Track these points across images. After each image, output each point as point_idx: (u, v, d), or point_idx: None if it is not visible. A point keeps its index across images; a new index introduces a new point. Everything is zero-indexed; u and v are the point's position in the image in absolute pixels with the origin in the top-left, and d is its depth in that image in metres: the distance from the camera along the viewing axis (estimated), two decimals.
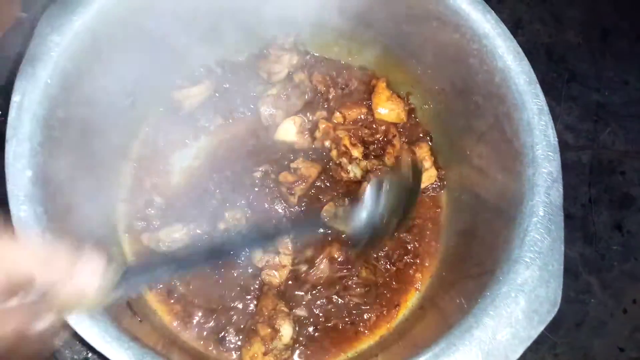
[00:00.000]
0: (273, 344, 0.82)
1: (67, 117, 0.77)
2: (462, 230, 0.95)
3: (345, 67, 1.11)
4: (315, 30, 1.07)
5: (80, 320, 0.62)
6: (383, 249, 0.95)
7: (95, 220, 0.83)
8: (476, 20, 0.82)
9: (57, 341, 0.94)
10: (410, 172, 0.82)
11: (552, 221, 0.70)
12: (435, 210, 1.01)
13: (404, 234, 0.98)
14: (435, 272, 0.96)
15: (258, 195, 0.95)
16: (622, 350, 1.08)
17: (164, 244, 0.90)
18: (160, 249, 0.90)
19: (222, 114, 1.05)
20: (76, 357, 0.94)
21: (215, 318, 0.89)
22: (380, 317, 0.92)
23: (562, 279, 0.68)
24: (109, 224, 0.93)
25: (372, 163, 0.98)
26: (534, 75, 0.79)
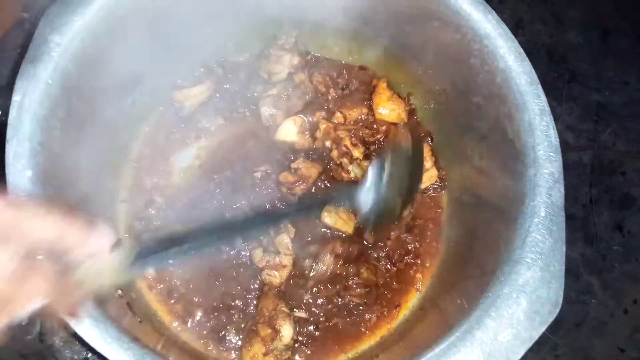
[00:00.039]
0: (273, 344, 0.82)
1: (67, 117, 0.76)
2: (463, 231, 0.95)
3: (346, 67, 1.11)
4: (316, 31, 1.07)
5: (80, 320, 0.62)
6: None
7: None
8: (477, 20, 0.82)
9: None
10: (410, 146, 0.82)
11: (554, 222, 0.70)
12: (436, 211, 1.01)
13: (405, 235, 0.98)
14: (436, 272, 0.96)
15: (258, 196, 0.95)
16: (622, 350, 1.08)
17: None
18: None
19: (223, 114, 1.04)
20: (76, 357, 0.94)
21: (215, 317, 0.89)
22: (380, 317, 0.92)
23: (563, 280, 0.68)
24: (109, 224, 0.93)
25: None
26: (535, 75, 0.78)
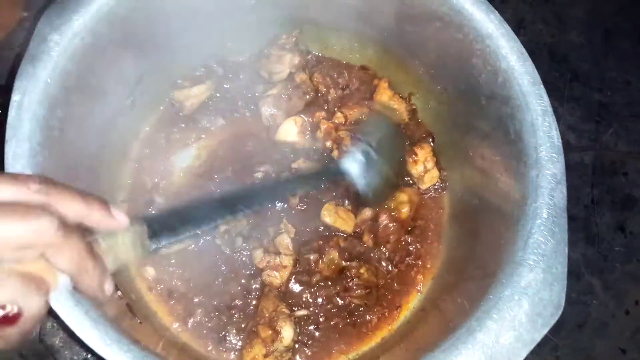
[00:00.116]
0: (274, 345, 0.82)
1: (67, 117, 0.76)
2: (465, 232, 0.94)
3: (347, 67, 1.10)
4: (317, 30, 1.06)
5: (80, 321, 0.61)
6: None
7: None
8: (479, 20, 0.81)
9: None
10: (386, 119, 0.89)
11: (556, 223, 0.69)
12: (437, 212, 1.01)
13: (405, 236, 0.97)
14: (437, 273, 0.96)
15: None
16: (624, 351, 1.08)
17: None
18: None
19: (223, 114, 1.04)
20: (75, 357, 0.93)
21: (216, 317, 0.89)
22: (381, 318, 0.92)
23: (565, 282, 0.67)
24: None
25: None
26: (537, 76, 0.78)
